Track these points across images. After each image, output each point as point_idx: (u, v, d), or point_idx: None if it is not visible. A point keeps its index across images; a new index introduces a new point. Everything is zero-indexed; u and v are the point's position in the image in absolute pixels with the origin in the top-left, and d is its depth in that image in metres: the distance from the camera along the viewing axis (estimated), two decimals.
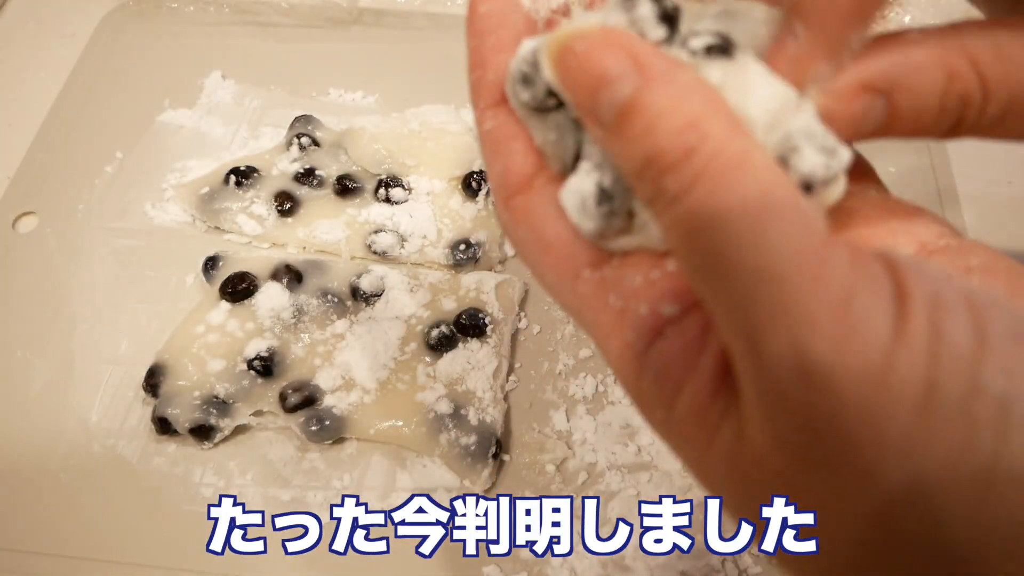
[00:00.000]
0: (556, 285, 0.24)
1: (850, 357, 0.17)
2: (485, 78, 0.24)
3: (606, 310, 0.22)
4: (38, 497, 0.44)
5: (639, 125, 0.19)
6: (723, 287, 0.18)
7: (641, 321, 0.21)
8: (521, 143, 0.24)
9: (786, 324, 0.17)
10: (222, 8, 0.65)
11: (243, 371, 0.45)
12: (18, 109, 0.60)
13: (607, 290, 0.22)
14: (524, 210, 0.24)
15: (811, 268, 0.17)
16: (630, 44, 0.20)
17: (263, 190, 0.53)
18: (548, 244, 0.23)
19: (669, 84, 0.19)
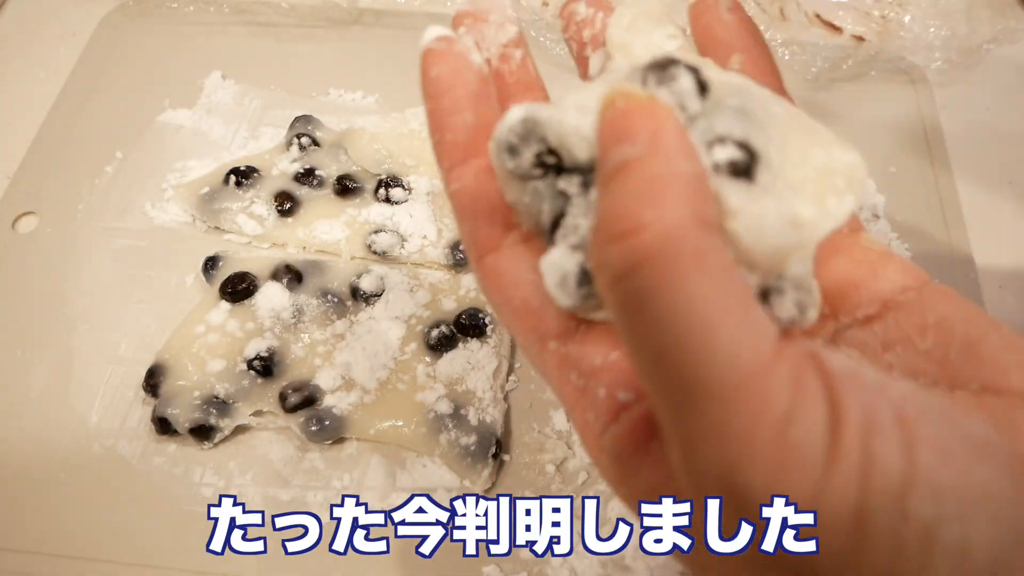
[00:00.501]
0: (526, 350, 0.24)
1: (780, 488, 0.16)
2: (444, 139, 0.25)
3: (568, 385, 0.23)
4: (38, 497, 0.44)
5: (620, 185, 0.19)
6: (661, 388, 0.17)
7: (599, 404, 0.22)
8: (488, 203, 0.24)
9: (720, 442, 0.16)
10: (222, 8, 0.65)
11: (243, 371, 0.46)
12: (18, 109, 0.60)
13: (570, 367, 0.23)
14: (494, 272, 0.24)
15: (752, 387, 0.16)
16: (662, 119, 0.19)
17: (263, 190, 0.53)
18: (517, 311, 0.23)
19: (664, 163, 0.19)
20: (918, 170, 0.56)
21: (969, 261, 0.52)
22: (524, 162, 0.22)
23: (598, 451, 0.22)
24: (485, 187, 0.24)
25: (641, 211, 0.18)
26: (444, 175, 0.25)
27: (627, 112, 0.19)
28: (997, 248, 0.53)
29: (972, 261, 0.52)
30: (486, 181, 0.24)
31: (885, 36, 0.60)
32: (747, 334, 0.17)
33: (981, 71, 0.61)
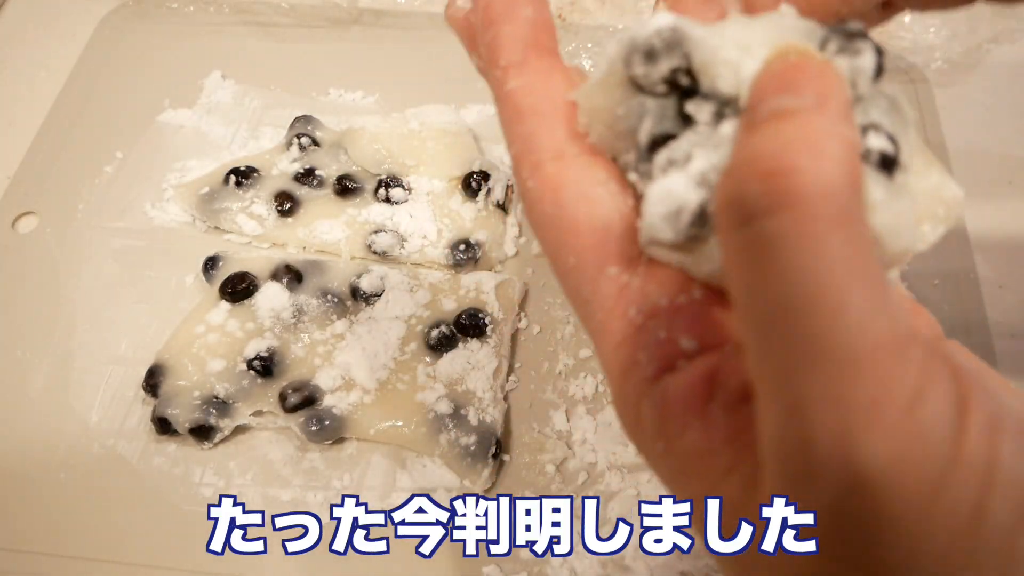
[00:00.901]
0: (574, 272, 0.22)
1: (906, 466, 0.15)
2: (503, 32, 0.22)
3: (622, 319, 0.21)
4: (38, 497, 0.44)
5: (776, 128, 0.17)
6: (774, 345, 0.16)
7: (656, 345, 0.20)
8: (554, 105, 0.22)
9: (842, 411, 0.15)
10: (222, 8, 0.65)
11: (243, 371, 0.45)
12: (18, 109, 0.60)
13: (629, 300, 0.21)
14: (555, 181, 0.22)
15: (884, 360, 0.15)
16: (833, 84, 0.18)
17: (263, 190, 0.53)
18: (578, 227, 0.21)
19: (828, 121, 0.17)
20: None
21: (969, 261, 0.52)
22: (656, 72, 0.21)
23: (639, 397, 0.20)
24: (552, 87, 0.22)
25: (797, 156, 0.16)
26: (499, 73, 0.22)
27: (798, 66, 0.18)
28: (997, 248, 0.53)
29: (972, 261, 0.52)
30: (553, 81, 0.22)
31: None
32: (883, 306, 0.16)
33: (981, 71, 0.61)
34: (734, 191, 0.17)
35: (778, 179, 0.16)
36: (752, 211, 0.16)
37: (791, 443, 0.16)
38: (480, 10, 0.23)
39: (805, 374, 0.16)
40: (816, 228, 0.16)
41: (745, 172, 0.17)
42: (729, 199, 0.17)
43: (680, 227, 0.20)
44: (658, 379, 0.20)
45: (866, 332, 0.15)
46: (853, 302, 0.16)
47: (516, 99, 0.22)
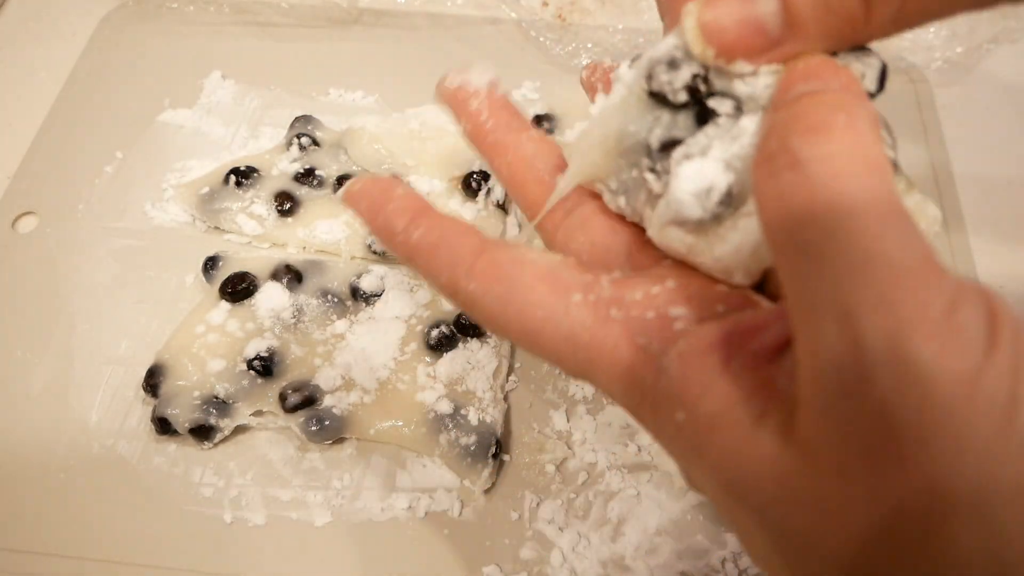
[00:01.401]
0: (546, 318, 0.24)
1: (947, 359, 0.17)
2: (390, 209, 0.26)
3: (607, 323, 0.23)
4: (38, 497, 0.44)
5: (812, 100, 0.20)
6: (827, 262, 0.18)
7: (651, 325, 0.22)
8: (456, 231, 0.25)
9: (890, 311, 0.17)
10: (222, 8, 0.65)
11: (243, 371, 0.45)
12: (18, 109, 0.60)
13: (606, 307, 0.23)
14: (492, 269, 0.24)
15: (926, 270, 0.18)
16: (852, 78, 0.21)
17: (263, 190, 0.53)
18: (531, 283, 0.24)
19: (855, 99, 0.20)
20: (918, 170, 0.56)
21: (969, 261, 0.52)
22: (679, 79, 0.23)
23: (656, 374, 0.22)
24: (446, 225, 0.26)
25: (835, 116, 0.19)
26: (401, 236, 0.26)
27: (822, 63, 0.22)
28: (997, 248, 0.53)
29: (972, 261, 0.52)
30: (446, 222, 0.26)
31: None
32: (917, 233, 0.18)
33: (981, 71, 0.61)
34: (777, 145, 0.20)
35: (820, 133, 0.19)
36: (797, 158, 0.19)
37: (843, 352, 0.18)
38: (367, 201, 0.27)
39: (856, 284, 0.18)
40: (859, 168, 0.19)
41: (787, 129, 0.20)
42: (771, 152, 0.20)
43: (709, 205, 0.22)
44: (669, 351, 0.22)
45: (908, 247, 0.18)
46: (896, 224, 0.18)
47: (424, 242, 0.26)
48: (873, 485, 0.18)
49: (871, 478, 0.18)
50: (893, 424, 0.17)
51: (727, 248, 0.23)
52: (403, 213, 0.26)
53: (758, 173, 0.20)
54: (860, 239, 0.18)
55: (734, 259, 0.23)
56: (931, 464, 0.17)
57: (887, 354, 0.17)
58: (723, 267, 0.23)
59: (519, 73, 0.60)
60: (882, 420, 0.18)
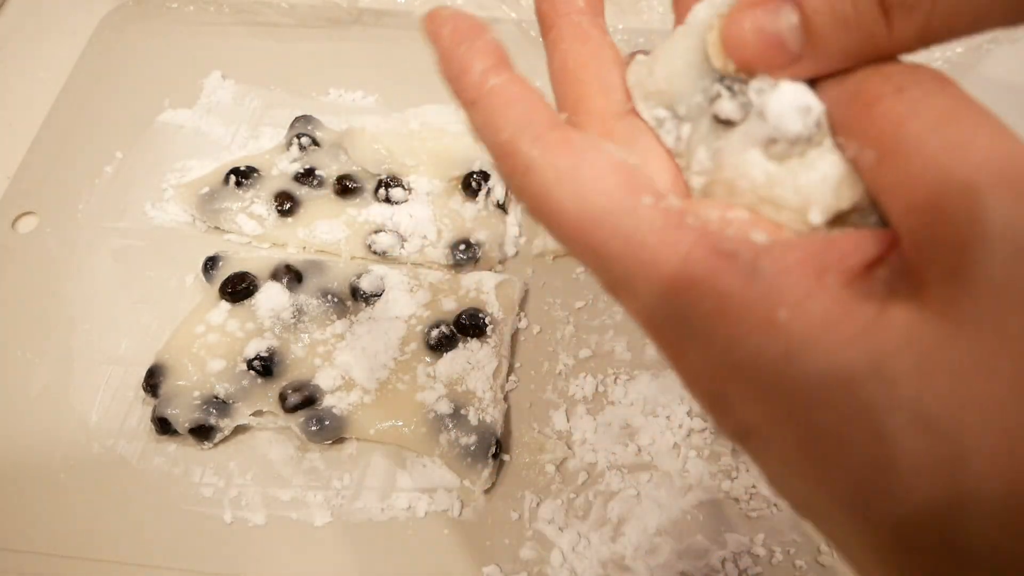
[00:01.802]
0: (609, 209, 0.21)
1: None
2: (477, 45, 0.24)
3: (681, 228, 0.21)
4: (38, 497, 0.44)
5: None
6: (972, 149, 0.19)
7: (733, 239, 0.21)
8: (536, 95, 0.23)
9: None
10: (222, 8, 0.65)
11: (243, 371, 0.46)
12: (18, 109, 0.60)
13: (679, 215, 0.21)
14: (563, 142, 0.22)
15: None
16: None
17: (263, 190, 0.53)
18: (603, 170, 0.22)
19: None
20: None
21: None
22: None
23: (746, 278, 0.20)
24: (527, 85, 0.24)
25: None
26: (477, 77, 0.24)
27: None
28: None
29: None
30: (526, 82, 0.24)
31: None
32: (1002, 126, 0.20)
33: (981, 71, 0.61)
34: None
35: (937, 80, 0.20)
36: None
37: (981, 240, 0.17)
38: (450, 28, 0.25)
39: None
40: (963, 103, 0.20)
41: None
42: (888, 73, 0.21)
43: (808, 122, 0.22)
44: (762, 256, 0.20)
45: None
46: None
47: (501, 91, 0.24)
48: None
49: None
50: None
51: (813, 176, 0.22)
52: (487, 55, 0.24)
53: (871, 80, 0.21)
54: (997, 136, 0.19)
55: (817, 190, 0.22)
56: None
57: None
58: (802, 200, 0.23)
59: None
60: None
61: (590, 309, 0.50)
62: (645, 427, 0.45)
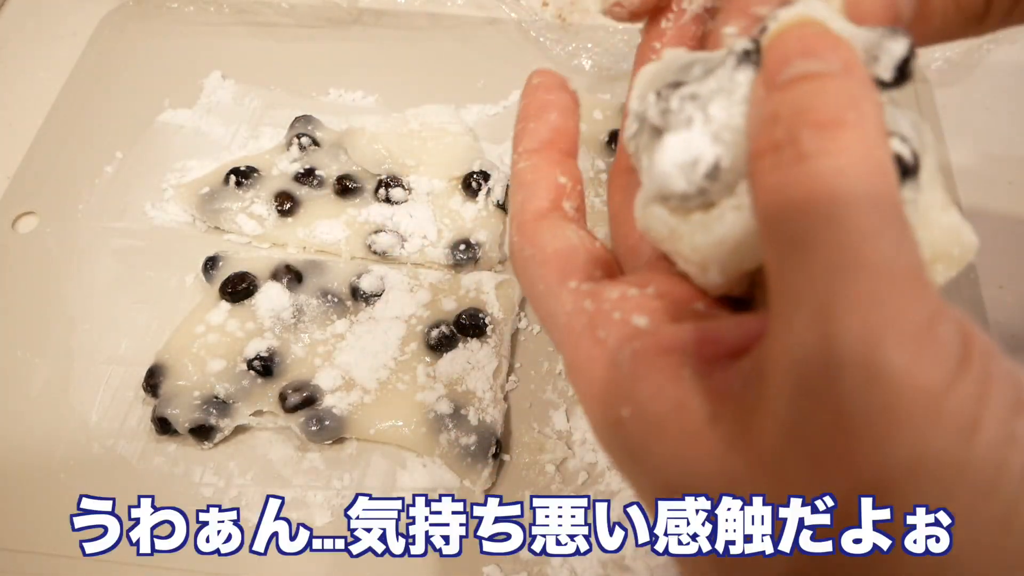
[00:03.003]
0: (544, 293, 0.25)
1: (918, 370, 0.17)
2: (528, 128, 0.28)
3: (580, 313, 0.24)
4: (38, 497, 0.44)
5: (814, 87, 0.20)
6: (815, 255, 0.18)
7: (612, 324, 0.23)
8: (546, 184, 0.27)
9: (868, 313, 0.17)
10: (222, 8, 0.65)
11: (243, 371, 0.45)
12: (18, 109, 0.60)
13: (583, 297, 0.24)
14: (532, 232, 0.26)
15: (912, 282, 0.18)
16: (854, 58, 0.21)
17: (263, 190, 0.53)
18: (547, 257, 0.26)
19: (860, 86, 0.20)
20: None
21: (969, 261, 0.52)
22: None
23: (608, 366, 0.22)
24: (550, 174, 0.27)
25: (845, 112, 0.19)
26: (516, 156, 0.28)
27: (818, 36, 0.21)
28: (997, 248, 0.53)
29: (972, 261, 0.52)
30: (553, 170, 0.27)
31: None
32: (912, 244, 0.18)
33: (981, 71, 0.61)
34: (784, 135, 0.20)
35: (830, 129, 0.19)
36: (803, 152, 0.19)
37: (814, 346, 0.18)
38: (520, 105, 0.29)
39: (840, 282, 0.18)
40: (865, 169, 0.18)
41: (795, 119, 0.19)
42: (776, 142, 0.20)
43: (694, 178, 0.21)
44: (622, 347, 0.22)
45: (899, 254, 0.18)
46: (891, 229, 0.18)
47: (520, 175, 0.28)
48: (820, 485, 0.18)
49: (818, 485, 0.18)
50: (851, 429, 0.17)
51: (709, 238, 0.22)
52: (534, 137, 0.28)
53: (760, 162, 0.20)
54: (852, 237, 0.18)
55: (714, 252, 0.22)
56: (886, 474, 0.17)
57: (858, 355, 0.17)
58: (700, 259, 0.23)
59: (519, 73, 0.60)
60: (840, 424, 0.17)
61: None
62: None
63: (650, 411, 0.21)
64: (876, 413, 0.17)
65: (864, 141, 0.19)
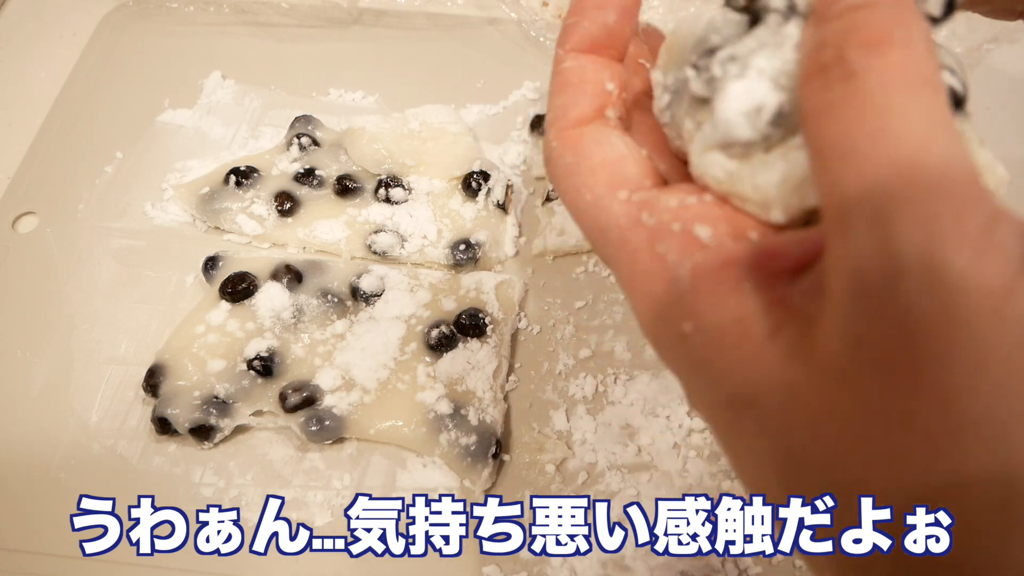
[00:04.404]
0: (591, 207, 0.24)
1: (979, 273, 0.17)
2: (580, 25, 0.26)
3: (636, 226, 0.23)
4: (38, 497, 0.44)
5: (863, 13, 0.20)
6: (869, 166, 0.18)
7: (674, 236, 0.22)
8: (592, 89, 0.26)
9: (927, 220, 0.17)
10: (222, 8, 0.65)
11: (243, 371, 0.45)
12: (18, 109, 0.60)
13: (640, 208, 0.23)
14: (575, 140, 0.25)
15: (967, 185, 0.18)
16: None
17: (263, 190, 0.53)
18: (594, 166, 0.24)
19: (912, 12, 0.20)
20: None
21: None
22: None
23: (670, 282, 0.22)
24: (597, 75, 0.26)
25: (892, 31, 0.19)
26: (561, 53, 0.27)
27: None
28: None
29: None
30: (601, 72, 0.26)
31: None
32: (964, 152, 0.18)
33: (981, 71, 0.61)
34: (833, 56, 0.19)
35: (877, 46, 0.19)
36: (852, 70, 0.19)
37: (873, 255, 0.18)
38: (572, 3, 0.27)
39: (896, 190, 0.17)
40: (913, 82, 0.18)
41: (842, 41, 0.19)
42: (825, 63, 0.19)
43: (759, 125, 0.22)
44: (683, 260, 0.22)
45: (953, 162, 0.18)
46: (943, 140, 0.18)
47: (565, 76, 0.26)
48: (884, 398, 0.18)
49: (883, 391, 0.18)
50: (914, 333, 0.17)
51: (772, 177, 0.22)
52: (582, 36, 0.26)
53: (810, 85, 0.20)
54: (905, 147, 0.18)
55: (777, 190, 0.22)
56: (948, 378, 0.17)
57: (918, 261, 0.17)
58: (762, 198, 0.23)
59: (519, 73, 0.60)
60: (903, 329, 0.17)
61: (590, 309, 0.50)
62: (645, 427, 0.45)
63: (712, 325, 0.21)
64: (938, 318, 0.17)
65: (913, 57, 0.19)
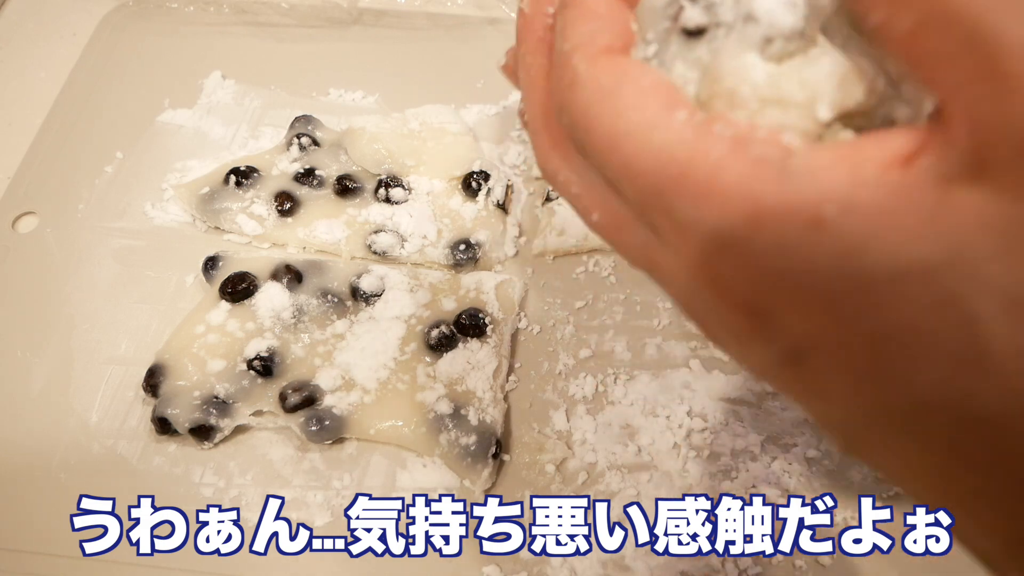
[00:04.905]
0: (645, 124, 0.22)
1: None
2: None
3: (710, 137, 0.21)
4: (38, 497, 0.44)
5: None
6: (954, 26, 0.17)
7: (764, 140, 0.20)
8: (619, 27, 0.24)
9: None
10: (222, 8, 0.65)
11: (243, 371, 0.46)
12: (18, 109, 0.60)
13: (708, 124, 0.21)
14: (613, 64, 0.23)
15: None
16: None
17: (263, 190, 0.53)
18: (644, 88, 0.22)
19: None
20: None
21: None
22: None
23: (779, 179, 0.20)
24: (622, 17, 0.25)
25: None
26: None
27: None
28: None
29: None
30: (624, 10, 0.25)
31: None
32: None
33: None
34: None
35: None
36: None
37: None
38: None
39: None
40: None
41: None
42: None
43: (799, 14, 0.22)
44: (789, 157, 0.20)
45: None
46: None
47: (590, 5, 0.24)
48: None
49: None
50: None
51: (819, 70, 0.22)
52: None
53: None
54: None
55: (825, 83, 0.22)
56: None
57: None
58: (810, 94, 0.22)
59: None
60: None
61: (590, 309, 0.50)
62: (645, 427, 0.45)
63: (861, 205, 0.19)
64: None
65: None
